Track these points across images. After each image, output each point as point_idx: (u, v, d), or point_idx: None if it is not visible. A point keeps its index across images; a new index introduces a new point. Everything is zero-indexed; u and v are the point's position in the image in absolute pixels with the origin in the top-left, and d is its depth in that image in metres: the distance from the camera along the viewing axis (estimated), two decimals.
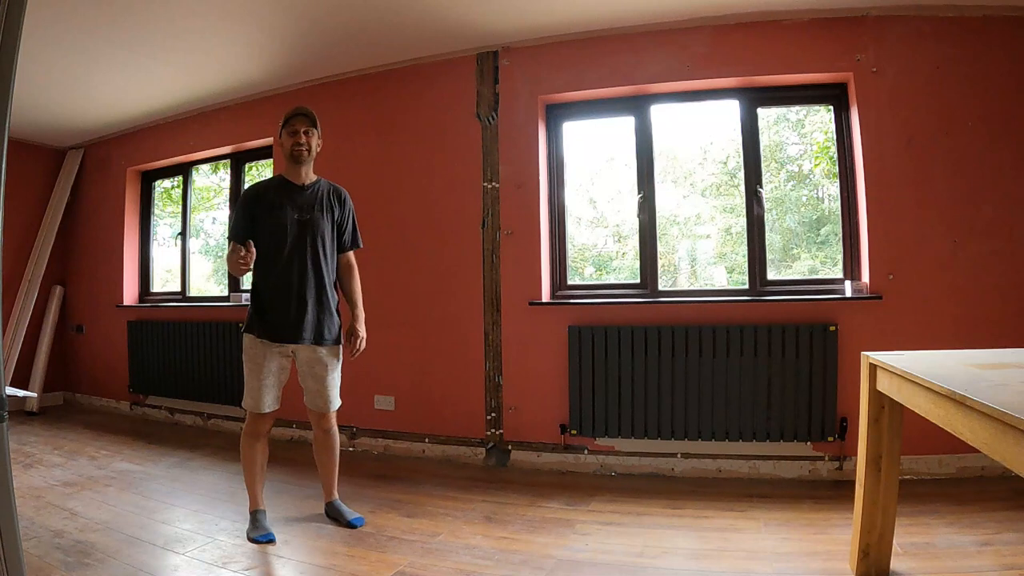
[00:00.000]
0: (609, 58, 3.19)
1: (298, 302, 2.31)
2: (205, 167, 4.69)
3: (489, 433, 3.35)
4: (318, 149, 2.43)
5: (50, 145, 5.07)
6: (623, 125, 3.39)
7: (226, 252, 2.37)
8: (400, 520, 2.49)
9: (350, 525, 2.42)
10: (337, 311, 2.45)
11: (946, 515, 2.31)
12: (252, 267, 2.18)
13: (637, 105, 3.30)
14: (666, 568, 2.01)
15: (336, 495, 2.53)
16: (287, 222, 2.31)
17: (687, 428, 2.95)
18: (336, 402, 2.45)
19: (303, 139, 2.35)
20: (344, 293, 2.53)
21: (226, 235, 2.33)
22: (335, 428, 2.48)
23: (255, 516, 2.36)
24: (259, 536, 2.27)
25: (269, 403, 2.32)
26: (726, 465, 2.97)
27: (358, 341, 2.47)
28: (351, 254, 2.55)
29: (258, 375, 2.29)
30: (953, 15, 2.78)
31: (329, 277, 2.41)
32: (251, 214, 2.32)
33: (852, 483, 1.99)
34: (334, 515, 2.49)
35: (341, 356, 2.47)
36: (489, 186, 3.38)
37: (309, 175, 2.43)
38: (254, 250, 2.13)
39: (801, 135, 3.45)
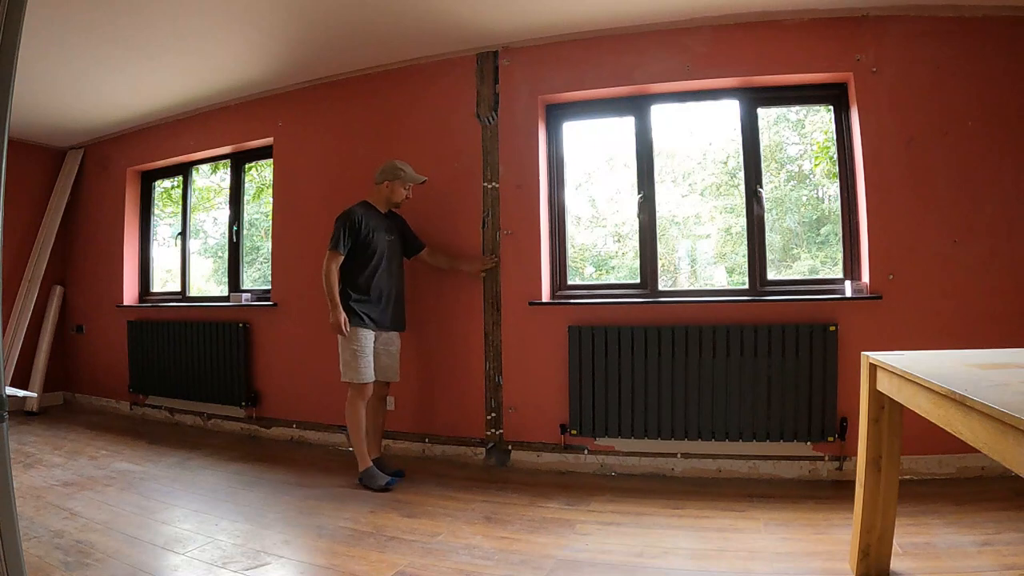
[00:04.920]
0: (609, 58, 3.19)
1: (387, 300, 3.06)
2: (205, 167, 4.69)
3: (489, 433, 3.35)
4: None
5: (50, 145, 5.07)
6: (623, 125, 3.39)
7: (332, 263, 2.92)
8: (400, 520, 2.50)
9: (386, 488, 2.88)
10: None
11: (946, 515, 2.31)
12: (352, 275, 2.95)
13: (637, 105, 3.30)
14: (666, 568, 2.01)
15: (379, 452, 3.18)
16: (381, 241, 3.02)
17: (687, 428, 2.95)
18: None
19: None
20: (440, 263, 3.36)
21: (332, 246, 2.96)
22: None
23: (372, 471, 2.93)
24: (388, 481, 2.89)
25: (372, 374, 3.01)
26: (726, 465, 2.97)
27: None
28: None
29: (366, 354, 2.95)
30: (953, 15, 2.78)
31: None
32: (357, 232, 2.94)
33: (852, 483, 1.99)
34: (380, 468, 3.00)
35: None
36: (489, 186, 3.38)
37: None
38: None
39: (801, 135, 3.45)
